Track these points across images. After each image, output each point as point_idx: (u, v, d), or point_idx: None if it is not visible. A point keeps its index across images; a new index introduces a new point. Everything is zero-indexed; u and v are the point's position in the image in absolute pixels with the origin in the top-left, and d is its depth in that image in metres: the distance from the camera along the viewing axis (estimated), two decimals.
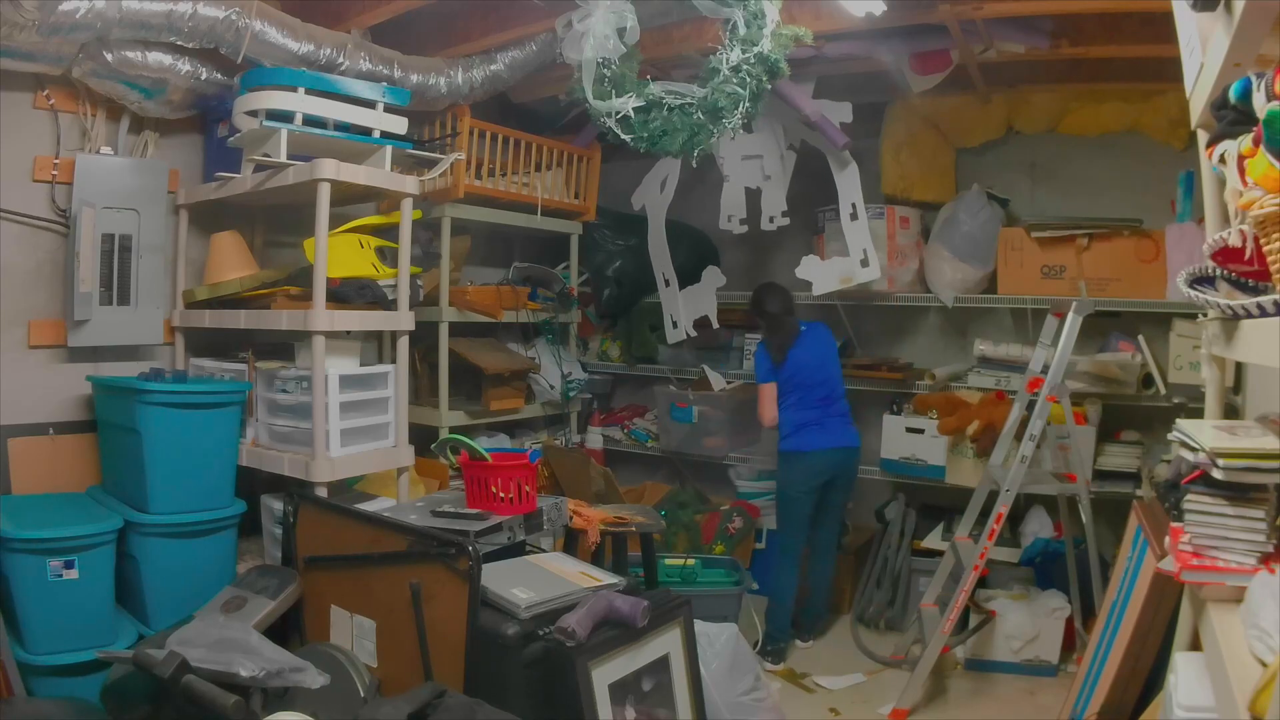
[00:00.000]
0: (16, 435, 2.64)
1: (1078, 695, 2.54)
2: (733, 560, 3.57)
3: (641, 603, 2.00)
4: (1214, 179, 1.71)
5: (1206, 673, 1.40)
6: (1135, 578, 2.34)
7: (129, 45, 2.59)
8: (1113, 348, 3.43)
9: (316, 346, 2.57)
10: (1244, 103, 1.23)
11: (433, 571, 1.98)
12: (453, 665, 1.90)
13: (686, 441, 4.16)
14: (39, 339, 2.71)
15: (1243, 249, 1.30)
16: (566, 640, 1.86)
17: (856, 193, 3.63)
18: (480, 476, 2.36)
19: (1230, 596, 1.38)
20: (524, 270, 3.99)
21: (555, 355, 3.97)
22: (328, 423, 2.61)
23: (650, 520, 2.83)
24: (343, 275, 2.72)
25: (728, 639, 2.42)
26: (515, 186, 3.70)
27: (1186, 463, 1.50)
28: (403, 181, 2.82)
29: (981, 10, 2.74)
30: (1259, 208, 1.12)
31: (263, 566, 2.48)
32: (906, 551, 3.65)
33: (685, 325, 4.12)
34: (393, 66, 2.99)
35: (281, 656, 1.86)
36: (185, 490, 2.48)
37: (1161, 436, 3.31)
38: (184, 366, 2.98)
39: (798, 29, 2.73)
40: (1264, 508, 1.39)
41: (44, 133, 2.70)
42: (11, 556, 2.23)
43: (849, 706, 2.94)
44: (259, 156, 2.65)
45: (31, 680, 2.24)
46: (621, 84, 2.79)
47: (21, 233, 2.67)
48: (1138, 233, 3.37)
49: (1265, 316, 1.20)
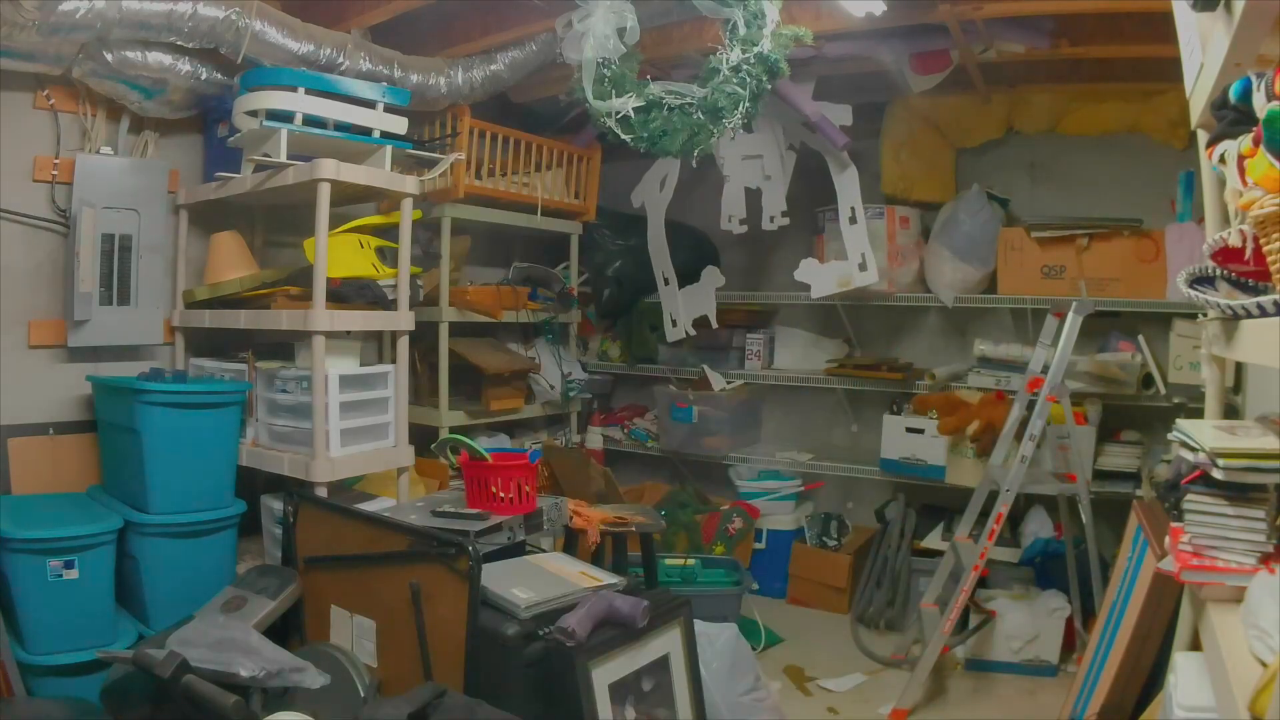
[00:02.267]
0: (16, 435, 2.64)
1: (1078, 695, 2.54)
2: (733, 560, 3.57)
3: (641, 603, 2.00)
4: (1214, 179, 1.72)
5: (1206, 673, 1.40)
6: (1135, 578, 2.34)
7: (129, 45, 2.59)
8: (1113, 348, 3.42)
9: (316, 346, 2.57)
10: (1244, 103, 1.23)
11: (433, 571, 1.98)
12: (453, 665, 1.90)
13: (686, 441, 4.16)
14: (39, 339, 2.71)
15: (1243, 249, 1.31)
16: (566, 640, 1.86)
17: (855, 196, 3.63)
18: (480, 476, 2.36)
19: (1230, 596, 1.38)
20: (524, 270, 3.99)
21: (555, 355, 3.97)
22: (328, 423, 2.61)
23: (650, 520, 2.83)
24: (343, 275, 2.72)
25: (728, 639, 2.42)
26: (515, 186, 3.69)
27: (1186, 463, 1.50)
28: (403, 181, 2.82)
29: (981, 10, 2.74)
30: (1259, 208, 1.12)
31: (263, 566, 2.48)
32: (906, 551, 3.65)
33: (685, 324, 4.12)
34: (393, 66, 2.99)
35: (281, 656, 1.86)
36: (185, 490, 2.48)
37: (1161, 436, 3.31)
38: (184, 366, 2.98)
39: (798, 29, 2.73)
40: (1264, 508, 1.39)
41: (44, 133, 2.70)
42: (11, 556, 2.23)
43: (849, 706, 2.93)
44: (259, 156, 2.65)
45: (31, 680, 2.24)
46: (621, 84, 2.79)
47: (21, 233, 2.67)
48: (1138, 233, 3.37)
49: (1265, 316, 1.20)
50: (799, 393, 4.24)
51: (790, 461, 4.02)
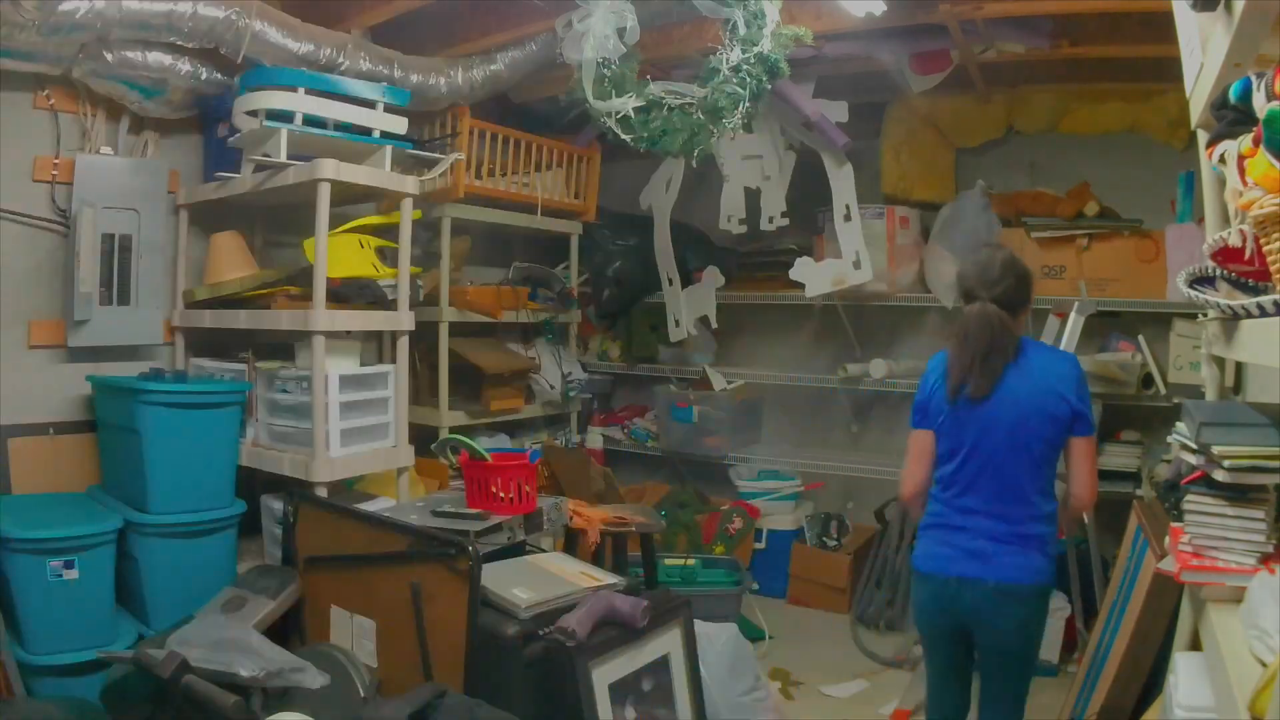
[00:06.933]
0: (16, 435, 2.64)
1: (1078, 695, 2.54)
2: (733, 560, 3.57)
3: (641, 603, 2.00)
4: (1214, 179, 1.72)
5: (1206, 673, 1.40)
6: (1135, 578, 2.34)
7: (129, 45, 2.59)
8: (1113, 348, 3.42)
9: (316, 346, 2.57)
10: (1244, 103, 1.23)
11: (433, 571, 1.98)
12: (453, 665, 1.90)
13: (686, 441, 4.16)
14: (39, 339, 2.71)
15: (1243, 249, 1.30)
16: (566, 640, 1.87)
17: (851, 194, 3.62)
18: (480, 476, 2.36)
19: (1230, 596, 1.38)
20: (524, 270, 3.99)
21: (555, 355, 3.97)
22: (328, 423, 2.61)
23: (650, 520, 2.83)
24: (343, 275, 2.72)
25: (728, 639, 2.42)
26: (515, 186, 3.69)
27: (1186, 463, 1.50)
28: (403, 181, 2.82)
29: (981, 10, 2.74)
30: (1259, 208, 1.12)
31: (263, 566, 2.48)
32: (906, 552, 3.64)
33: (687, 324, 4.12)
34: (393, 66, 2.99)
35: (281, 656, 1.86)
36: (185, 490, 2.48)
37: (1161, 436, 3.30)
38: (184, 366, 2.98)
39: (798, 29, 2.73)
40: (1264, 508, 1.39)
41: (44, 133, 2.70)
42: (12, 556, 2.23)
43: (850, 707, 2.93)
44: (259, 156, 2.65)
45: (31, 680, 2.24)
46: (621, 84, 2.79)
47: (21, 233, 2.66)
48: (1138, 233, 3.37)
49: (1265, 316, 1.20)
50: (799, 392, 4.24)
51: (790, 461, 4.02)
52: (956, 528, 1.99)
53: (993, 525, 1.95)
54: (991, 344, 1.95)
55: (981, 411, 1.96)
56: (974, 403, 1.96)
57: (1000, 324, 1.95)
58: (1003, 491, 1.96)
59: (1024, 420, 1.93)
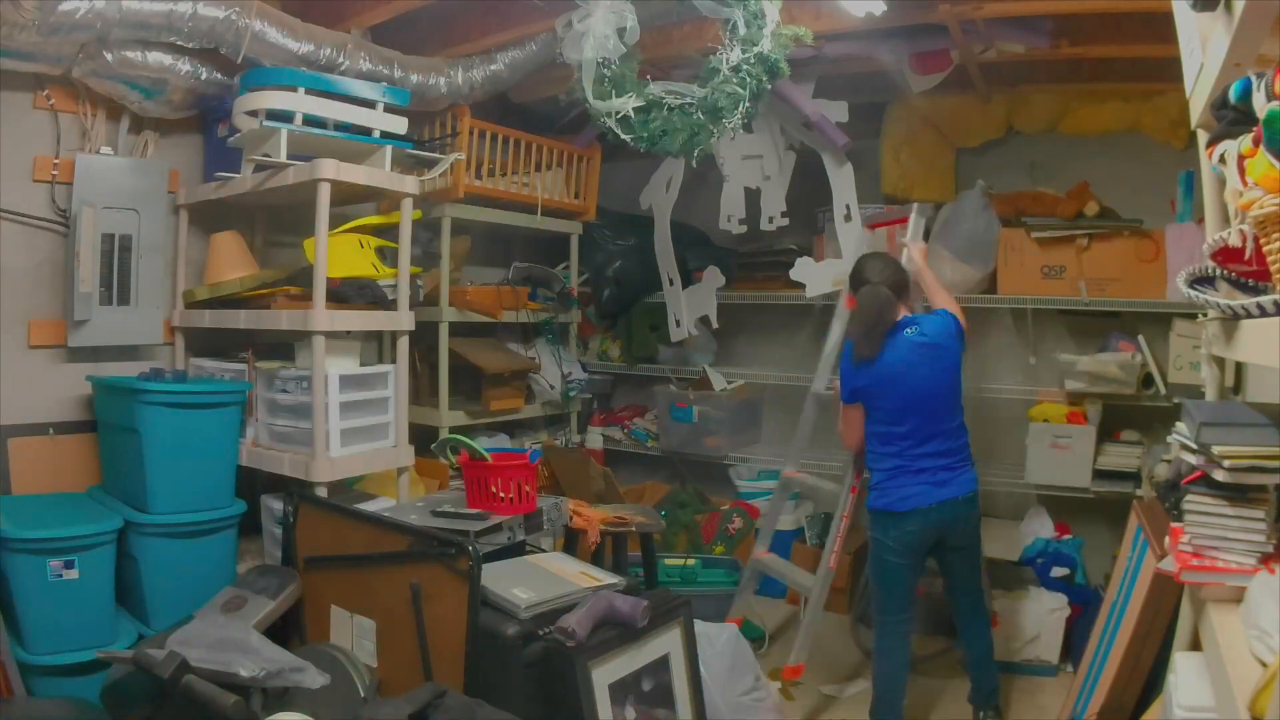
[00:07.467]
0: (16, 435, 2.64)
1: (1078, 695, 2.54)
2: (733, 560, 3.57)
3: (641, 603, 2.00)
4: (1214, 179, 1.72)
5: (1206, 673, 1.41)
6: (1135, 578, 2.34)
7: (129, 45, 2.59)
8: (1113, 348, 3.42)
9: (316, 346, 2.57)
10: (1244, 103, 1.23)
11: (433, 571, 1.98)
12: (453, 665, 1.90)
13: (686, 441, 4.16)
14: (39, 339, 2.71)
15: (1243, 249, 1.31)
16: (566, 640, 1.87)
17: (851, 194, 3.62)
18: (480, 476, 2.36)
19: (1230, 596, 1.38)
20: (524, 270, 3.99)
21: (555, 355, 3.97)
22: (328, 423, 2.61)
23: (650, 520, 2.83)
24: (343, 275, 2.72)
25: (728, 639, 2.42)
26: (515, 186, 3.69)
27: (1186, 463, 1.50)
28: (403, 181, 2.82)
29: (981, 10, 2.74)
30: (1259, 208, 1.12)
31: (263, 566, 2.48)
32: None
33: (688, 324, 4.12)
34: (393, 66, 2.99)
35: (281, 656, 1.86)
36: (185, 490, 2.48)
37: (1161, 436, 3.30)
38: (184, 366, 2.98)
39: (798, 29, 2.73)
40: (1264, 508, 1.39)
41: (44, 133, 2.70)
42: (11, 556, 2.23)
43: (850, 707, 2.93)
44: (259, 156, 2.65)
45: (31, 680, 2.24)
46: (621, 84, 2.79)
47: (21, 233, 2.66)
48: (1138, 233, 3.37)
49: (1265, 316, 1.20)
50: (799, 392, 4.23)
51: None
52: (917, 470, 2.56)
53: (941, 460, 2.57)
54: (880, 314, 2.59)
55: (892, 371, 2.55)
56: (871, 362, 2.57)
57: (885, 299, 2.60)
58: (937, 432, 2.57)
59: (931, 370, 2.55)
